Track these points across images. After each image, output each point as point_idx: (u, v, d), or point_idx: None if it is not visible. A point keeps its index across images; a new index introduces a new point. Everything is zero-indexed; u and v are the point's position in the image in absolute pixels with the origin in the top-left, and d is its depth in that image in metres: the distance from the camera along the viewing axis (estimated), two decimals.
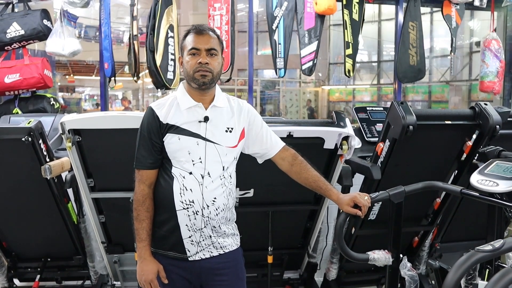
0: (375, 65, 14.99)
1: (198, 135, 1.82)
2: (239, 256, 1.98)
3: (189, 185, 1.81)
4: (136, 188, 1.88)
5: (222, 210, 1.86)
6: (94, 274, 3.29)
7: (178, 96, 1.87)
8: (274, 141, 2.01)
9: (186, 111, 1.83)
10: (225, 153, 1.85)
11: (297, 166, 1.99)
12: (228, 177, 1.89)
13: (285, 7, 4.06)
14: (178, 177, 1.82)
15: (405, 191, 1.99)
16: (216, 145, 1.83)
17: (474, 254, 1.29)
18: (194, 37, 1.82)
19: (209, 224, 1.84)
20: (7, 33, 3.88)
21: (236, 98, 2.00)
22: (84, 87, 17.03)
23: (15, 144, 2.61)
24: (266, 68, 13.96)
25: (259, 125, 1.99)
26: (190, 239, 1.84)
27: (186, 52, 1.83)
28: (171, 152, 1.83)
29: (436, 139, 2.66)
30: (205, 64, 1.79)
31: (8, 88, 3.92)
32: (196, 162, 1.81)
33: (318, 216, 2.99)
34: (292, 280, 3.44)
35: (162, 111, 1.84)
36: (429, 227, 3.06)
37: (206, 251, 1.87)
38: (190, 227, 1.83)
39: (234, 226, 2.00)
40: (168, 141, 1.82)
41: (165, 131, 1.82)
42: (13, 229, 3.08)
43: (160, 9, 3.75)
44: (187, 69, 1.82)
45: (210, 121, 1.84)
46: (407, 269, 1.96)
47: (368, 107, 3.52)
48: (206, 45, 1.81)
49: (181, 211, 1.82)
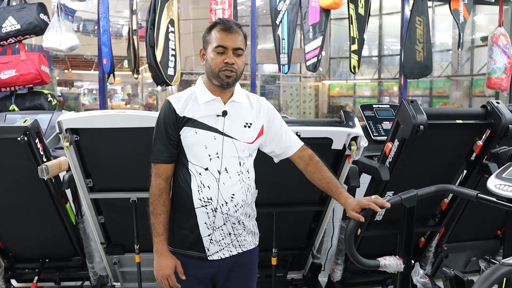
0: (376, 59, 14.89)
1: (215, 129, 1.80)
2: (255, 256, 1.98)
3: (206, 182, 1.79)
4: (153, 182, 1.85)
5: (241, 206, 1.84)
6: (94, 275, 3.25)
7: (197, 90, 1.85)
8: (293, 140, 1.98)
9: (204, 105, 1.81)
10: (242, 149, 1.83)
11: (313, 166, 1.96)
12: (246, 172, 1.86)
13: (289, 1, 3.97)
14: (195, 174, 1.80)
15: (418, 195, 1.90)
16: (234, 140, 1.81)
17: (499, 268, 1.21)
18: (221, 34, 1.77)
19: (229, 221, 1.83)
20: (2, 27, 3.80)
21: (255, 95, 1.97)
22: (82, 81, 16.95)
23: (10, 144, 2.54)
24: (267, 62, 13.88)
25: (279, 124, 1.96)
26: (209, 237, 1.82)
27: (211, 48, 1.78)
28: (188, 145, 1.80)
29: (446, 139, 2.60)
30: (231, 65, 1.76)
31: (4, 84, 3.84)
32: (213, 157, 1.79)
33: (324, 217, 2.94)
34: (295, 280, 3.40)
35: (179, 104, 1.81)
36: (436, 228, 3.02)
37: (226, 250, 1.85)
38: (210, 225, 1.81)
39: (255, 223, 1.98)
40: (185, 134, 1.80)
41: (182, 124, 1.80)
42: (10, 230, 3.03)
43: (161, 3, 3.67)
44: (212, 66, 1.78)
45: (229, 115, 1.81)
46: (419, 276, 1.89)
47: (374, 105, 3.45)
48: (234, 44, 1.77)
49: (200, 208, 1.80)
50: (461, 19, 4.37)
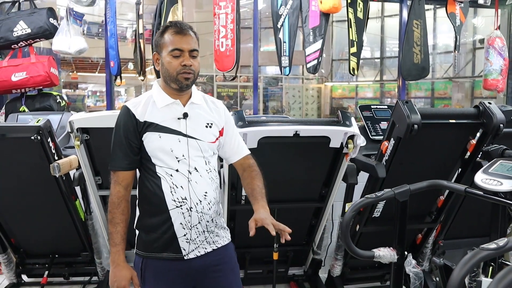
0: (378, 61, 14.97)
1: (179, 132, 1.78)
2: (231, 251, 1.96)
3: (178, 182, 1.77)
4: (112, 190, 1.81)
5: (213, 204, 1.84)
6: (101, 270, 3.32)
7: (154, 94, 1.82)
8: (241, 147, 1.98)
9: (163, 109, 1.79)
10: (206, 149, 1.83)
11: (247, 173, 1.95)
12: (214, 171, 1.87)
13: (290, 5, 4.08)
14: (165, 176, 1.77)
15: (410, 190, 2.01)
16: (198, 140, 1.80)
17: (479, 252, 1.31)
18: (176, 37, 1.76)
19: (203, 219, 1.81)
20: (14, 31, 3.92)
21: (210, 97, 1.96)
22: (87, 84, 17.04)
23: (24, 143, 2.65)
24: (269, 64, 13.95)
25: (233, 127, 1.98)
26: (185, 237, 1.80)
27: (167, 52, 1.76)
28: (152, 150, 1.78)
29: (440, 138, 2.68)
30: (189, 66, 1.75)
31: (15, 86, 3.96)
32: (180, 158, 1.77)
33: (323, 214, 3.02)
34: (296, 276, 3.48)
35: (138, 109, 1.78)
36: (432, 225, 3.08)
37: (201, 248, 1.83)
38: (185, 225, 1.78)
39: (224, 220, 1.99)
40: (148, 139, 1.77)
41: (144, 129, 1.77)
42: (22, 226, 3.12)
43: (166, 8, 3.78)
44: (170, 70, 1.76)
45: (190, 117, 1.81)
46: (412, 266, 1.99)
47: (372, 105, 3.55)
48: (190, 46, 1.76)
49: (175, 209, 1.77)
50: (458, 22, 4.48)
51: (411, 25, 4.37)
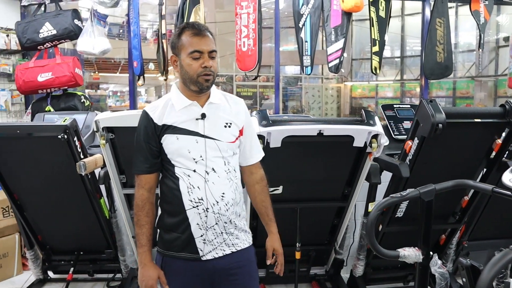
0: (398, 60, 14.80)
1: (196, 133, 1.78)
2: (251, 255, 1.94)
3: (195, 182, 1.78)
4: (136, 193, 1.85)
5: (231, 205, 1.83)
6: (125, 268, 3.37)
7: (173, 97, 1.83)
8: (255, 152, 1.98)
9: (181, 111, 1.80)
10: (225, 149, 1.82)
11: (260, 187, 1.99)
12: (233, 171, 1.86)
13: (312, 5, 4.08)
14: (183, 176, 1.79)
15: (436, 189, 1.98)
16: (216, 141, 1.80)
17: (508, 252, 1.29)
18: (194, 38, 1.76)
19: (221, 221, 1.81)
20: (40, 33, 4.01)
21: (232, 95, 1.95)
22: (108, 84, 17.26)
23: (51, 142, 2.71)
24: (288, 64, 13.92)
25: (250, 129, 1.97)
26: (202, 237, 1.80)
27: (186, 54, 1.76)
28: (171, 152, 1.79)
29: (465, 137, 2.65)
30: (209, 68, 1.75)
31: (41, 87, 4.05)
32: (198, 160, 1.78)
33: (346, 213, 3.01)
34: (318, 276, 3.48)
35: (156, 113, 1.80)
36: (456, 225, 3.04)
37: (219, 249, 1.83)
38: (202, 225, 1.79)
39: (245, 223, 1.97)
40: (166, 142, 1.79)
41: (162, 132, 1.79)
42: (48, 223, 3.19)
43: (188, 8, 3.81)
44: (189, 72, 1.76)
45: (208, 117, 1.81)
46: (437, 266, 1.96)
47: (395, 105, 3.52)
48: (209, 47, 1.76)
49: (191, 209, 1.78)
50: (482, 20, 4.40)
51: (434, 24, 4.32)
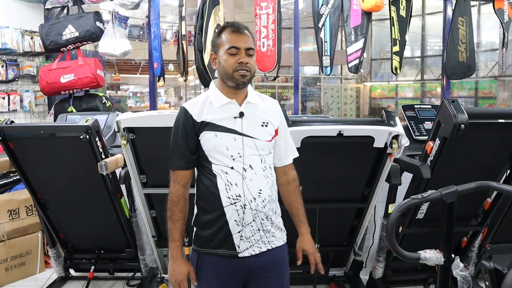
0: (419, 60, 14.63)
1: (234, 131, 1.81)
2: (285, 253, 1.96)
3: (233, 179, 1.80)
4: (171, 188, 1.87)
5: (268, 201, 1.85)
6: (144, 267, 3.40)
7: (211, 94, 1.87)
8: (289, 152, 2.01)
9: (220, 109, 1.83)
10: (262, 147, 1.85)
11: (292, 188, 2.01)
12: (269, 168, 1.88)
13: (331, 5, 4.06)
14: (220, 173, 1.81)
15: (458, 191, 1.95)
16: (254, 139, 1.83)
17: None
18: (232, 35, 1.81)
19: (258, 217, 1.83)
20: (63, 35, 4.08)
21: (267, 96, 1.99)
22: (128, 85, 17.48)
23: (73, 142, 2.75)
24: (307, 64, 13.89)
25: (286, 131, 2.00)
26: (239, 234, 1.82)
27: (224, 51, 1.81)
28: (209, 149, 1.82)
29: (488, 138, 2.60)
30: (245, 64, 1.79)
31: (63, 88, 4.12)
32: (236, 157, 1.80)
33: (365, 214, 2.99)
34: (337, 277, 3.46)
35: (195, 109, 1.83)
36: (479, 228, 2.99)
37: (256, 247, 1.85)
38: (239, 222, 1.81)
39: (281, 220, 2.00)
40: (204, 138, 1.81)
41: (200, 129, 1.82)
42: (70, 222, 3.24)
43: (208, 9, 3.83)
44: (226, 68, 1.80)
45: (246, 116, 1.84)
46: (459, 269, 1.93)
47: (416, 105, 3.48)
48: (246, 45, 1.80)
49: (229, 206, 1.80)
50: (506, 18, 4.31)
51: (456, 23, 4.25)
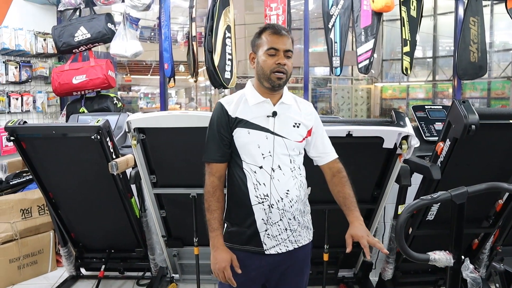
0: (430, 61, 14.50)
1: (267, 129, 1.86)
2: (308, 250, 2.02)
3: (261, 179, 1.85)
4: (207, 181, 1.91)
5: (295, 202, 1.89)
6: (154, 266, 3.43)
7: (247, 92, 1.92)
8: (329, 150, 2.04)
9: (254, 107, 1.88)
10: (292, 147, 1.89)
11: (337, 179, 2.00)
12: (298, 169, 1.93)
13: (341, 5, 4.05)
14: (250, 172, 1.86)
15: (468, 192, 1.93)
16: (284, 139, 1.87)
17: None
18: (272, 37, 1.85)
19: (285, 217, 1.88)
20: (75, 36, 4.12)
21: (301, 98, 2.04)
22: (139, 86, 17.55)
23: (84, 142, 2.78)
24: (318, 65, 13.85)
25: (321, 129, 2.03)
26: (266, 232, 1.87)
27: (263, 51, 1.85)
28: (241, 146, 1.87)
29: (499, 139, 2.58)
30: (283, 65, 1.83)
31: (75, 89, 4.16)
32: (266, 155, 1.85)
33: (375, 216, 2.98)
34: (346, 278, 3.45)
35: (231, 106, 1.89)
36: (490, 230, 2.97)
37: (282, 245, 1.90)
38: (267, 221, 1.86)
39: (309, 219, 2.04)
40: (238, 135, 1.87)
41: (235, 125, 1.87)
42: (81, 222, 3.27)
43: (218, 11, 3.84)
44: (264, 68, 1.85)
45: (278, 116, 1.88)
46: (469, 271, 1.91)
47: (426, 106, 3.46)
48: (285, 46, 1.84)
49: (257, 205, 1.86)
50: None
51: (467, 23, 4.21)
